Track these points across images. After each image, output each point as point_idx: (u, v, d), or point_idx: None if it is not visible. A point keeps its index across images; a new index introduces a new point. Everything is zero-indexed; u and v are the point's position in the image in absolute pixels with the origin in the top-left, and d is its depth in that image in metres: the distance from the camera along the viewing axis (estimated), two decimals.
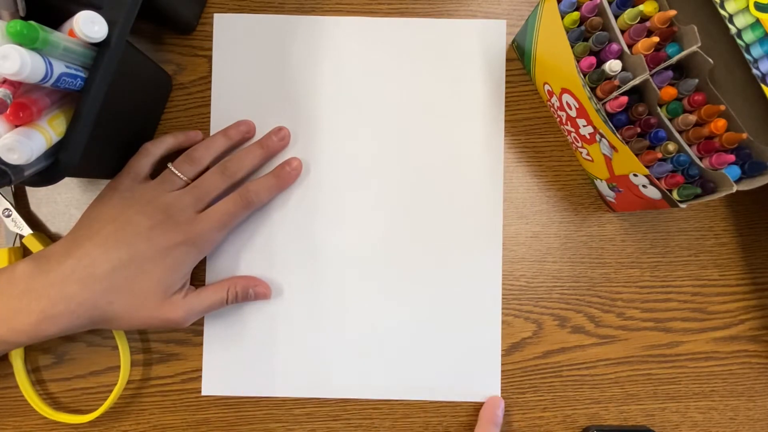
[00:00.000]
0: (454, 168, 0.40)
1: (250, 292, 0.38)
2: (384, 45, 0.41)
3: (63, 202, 0.40)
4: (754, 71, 0.30)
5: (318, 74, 0.40)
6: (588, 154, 0.38)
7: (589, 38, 0.33)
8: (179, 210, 0.34)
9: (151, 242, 0.32)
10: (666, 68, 0.32)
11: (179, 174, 0.35)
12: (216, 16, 0.39)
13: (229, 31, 0.40)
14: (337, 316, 0.40)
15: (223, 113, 0.40)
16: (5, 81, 0.25)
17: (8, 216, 0.38)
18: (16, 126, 0.26)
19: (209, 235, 0.35)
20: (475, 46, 0.41)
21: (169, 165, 0.36)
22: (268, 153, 0.38)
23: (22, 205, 0.39)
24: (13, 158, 0.25)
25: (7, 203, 0.38)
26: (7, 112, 0.26)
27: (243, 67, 0.40)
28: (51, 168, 0.28)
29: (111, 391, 0.38)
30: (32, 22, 0.24)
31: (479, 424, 0.38)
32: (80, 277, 0.31)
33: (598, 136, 0.34)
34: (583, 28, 0.33)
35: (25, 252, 0.39)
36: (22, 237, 0.38)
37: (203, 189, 0.35)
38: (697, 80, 0.32)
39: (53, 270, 0.31)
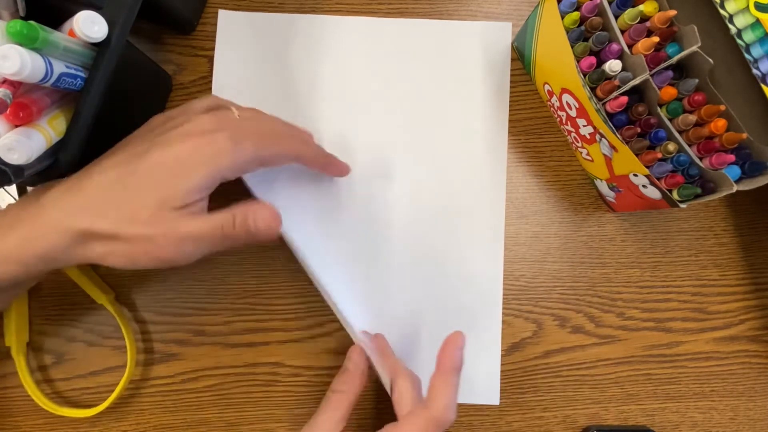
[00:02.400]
0: (454, 168, 0.40)
1: (250, 222, 0.30)
2: (387, 45, 0.41)
3: None
4: (754, 71, 0.30)
5: (319, 74, 0.40)
6: (588, 154, 0.38)
7: (589, 38, 0.33)
8: (213, 126, 0.29)
9: (167, 143, 0.28)
10: (666, 68, 0.32)
11: (235, 111, 0.31)
12: (221, 12, 0.39)
13: (232, 29, 0.40)
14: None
15: None
16: (5, 81, 0.25)
17: None
18: (16, 126, 0.26)
19: (229, 154, 0.29)
20: (480, 48, 0.41)
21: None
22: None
23: None
24: (13, 158, 0.25)
25: (11, 199, 0.38)
26: (7, 112, 0.26)
27: (244, 65, 0.40)
28: (51, 168, 0.28)
29: (111, 391, 0.38)
30: (32, 22, 0.24)
31: (437, 370, 0.32)
32: (68, 188, 0.28)
33: (598, 136, 0.34)
34: (583, 28, 0.33)
35: None
36: None
37: (244, 122, 0.31)
38: (697, 80, 0.32)
39: (66, 184, 0.28)
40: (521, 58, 0.41)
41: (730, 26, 0.30)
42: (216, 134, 0.28)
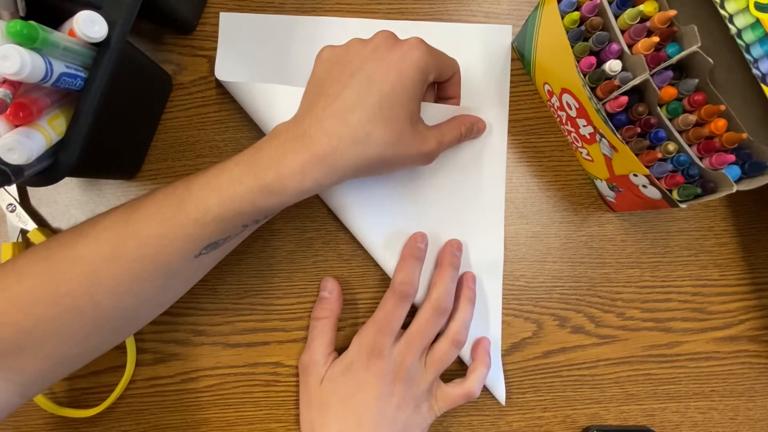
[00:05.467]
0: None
1: (474, 128, 0.38)
2: None
3: (63, 202, 0.40)
4: (754, 71, 0.30)
5: None
6: (588, 154, 0.38)
7: (589, 38, 0.33)
8: (396, 39, 0.32)
9: (379, 60, 0.31)
10: (666, 68, 0.32)
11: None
12: (222, 14, 0.39)
13: (233, 30, 0.40)
14: None
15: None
16: (5, 81, 0.25)
17: (12, 211, 0.38)
18: (16, 126, 0.26)
19: (425, 54, 0.32)
20: (480, 49, 0.41)
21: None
22: None
23: (24, 202, 0.39)
24: (13, 158, 0.25)
25: (12, 198, 0.38)
26: (7, 112, 0.26)
27: (244, 66, 0.40)
28: (51, 168, 0.28)
29: (111, 391, 0.38)
30: (32, 22, 0.24)
31: (437, 267, 0.38)
32: (333, 113, 0.30)
33: (598, 136, 0.34)
34: (583, 28, 0.33)
35: (28, 247, 0.39)
36: (26, 232, 0.38)
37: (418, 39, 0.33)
38: (697, 80, 0.32)
39: (307, 118, 0.30)
40: (521, 59, 0.41)
41: (730, 26, 0.30)
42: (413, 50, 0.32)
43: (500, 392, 0.39)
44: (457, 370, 0.39)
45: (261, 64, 0.40)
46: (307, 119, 0.30)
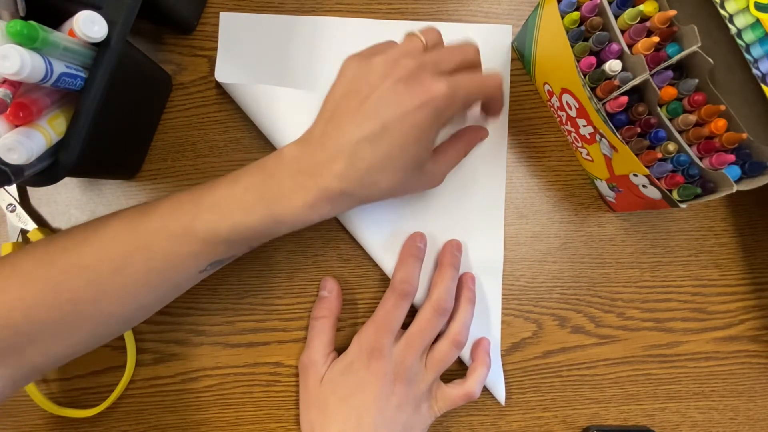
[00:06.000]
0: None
1: (477, 139, 0.38)
2: None
3: (63, 202, 0.40)
4: (754, 71, 0.30)
5: (319, 75, 0.40)
6: (588, 154, 0.38)
7: (589, 38, 0.33)
8: (420, 66, 0.31)
9: (396, 106, 0.30)
10: (666, 68, 0.32)
11: (422, 37, 0.33)
12: (222, 14, 0.39)
13: (233, 30, 0.40)
14: None
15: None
16: (5, 81, 0.25)
17: (12, 211, 0.38)
18: (16, 126, 0.26)
19: (448, 102, 0.31)
20: (480, 50, 0.41)
21: (413, 30, 0.34)
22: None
23: (23, 202, 0.39)
24: (13, 158, 0.25)
25: (12, 198, 0.38)
26: (7, 112, 0.26)
27: (244, 66, 0.40)
28: (51, 168, 0.28)
29: (111, 392, 0.38)
30: (32, 22, 0.24)
31: (437, 268, 0.38)
32: (345, 155, 0.30)
33: (598, 136, 0.34)
34: (583, 28, 0.33)
35: None
36: (26, 232, 0.38)
37: (444, 53, 0.32)
38: (697, 80, 0.32)
39: (318, 151, 0.30)
40: (521, 59, 0.41)
41: (730, 26, 0.30)
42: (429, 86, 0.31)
43: (500, 392, 0.39)
44: (457, 370, 0.39)
45: (261, 64, 0.40)
46: (319, 152, 0.30)
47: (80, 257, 0.29)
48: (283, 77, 0.40)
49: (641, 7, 0.31)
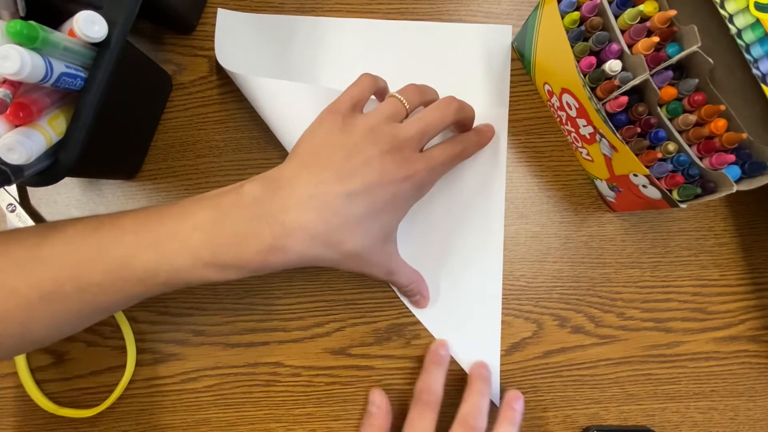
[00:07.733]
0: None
1: (417, 297, 0.38)
2: (387, 47, 0.40)
3: (63, 202, 0.40)
4: (754, 71, 0.30)
5: (319, 75, 0.40)
6: (588, 154, 0.38)
7: (589, 38, 0.33)
8: (405, 141, 0.30)
9: (382, 174, 0.29)
10: (666, 68, 0.32)
11: (404, 101, 0.32)
12: (220, 11, 0.39)
13: (231, 29, 0.39)
14: None
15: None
16: (5, 81, 0.25)
17: (12, 211, 0.38)
18: (16, 126, 0.26)
19: (430, 177, 0.31)
20: (480, 49, 0.41)
21: (394, 93, 0.33)
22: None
23: (23, 202, 0.39)
24: (13, 158, 0.25)
25: (12, 198, 0.38)
26: (7, 112, 0.26)
27: (244, 66, 0.40)
28: (51, 168, 0.28)
29: (111, 392, 0.38)
30: (32, 22, 0.24)
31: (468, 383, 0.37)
32: (317, 206, 0.28)
33: (598, 136, 0.34)
34: (583, 28, 0.33)
35: None
36: None
37: (427, 122, 0.32)
38: (697, 80, 0.32)
39: (285, 195, 0.28)
40: (521, 59, 0.41)
41: (730, 26, 0.30)
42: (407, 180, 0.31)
43: (494, 392, 0.39)
44: (459, 375, 0.39)
45: (260, 65, 0.40)
46: (286, 196, 0.28)
47: (8, 279, 0.27)
48: (282, 77, 0.40)
49: (641, 7, 0.31)
